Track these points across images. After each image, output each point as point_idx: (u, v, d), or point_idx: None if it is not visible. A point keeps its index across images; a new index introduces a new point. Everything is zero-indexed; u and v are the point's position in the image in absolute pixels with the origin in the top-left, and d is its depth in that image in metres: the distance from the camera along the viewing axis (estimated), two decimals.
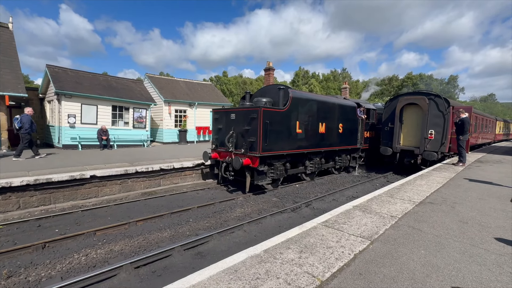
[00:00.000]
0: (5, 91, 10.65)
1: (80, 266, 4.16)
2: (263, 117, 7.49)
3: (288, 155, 8.66)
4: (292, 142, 8.62)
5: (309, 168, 9.81)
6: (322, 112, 9.76)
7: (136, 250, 4.66)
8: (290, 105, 8.33)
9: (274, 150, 8.00)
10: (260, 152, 7.53)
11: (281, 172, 8.46)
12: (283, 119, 8.20)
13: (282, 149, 8.29)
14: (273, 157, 8.17)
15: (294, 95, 8.56)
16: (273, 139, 7.89)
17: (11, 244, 4.82)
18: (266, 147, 7.67)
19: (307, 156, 9.56)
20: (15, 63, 11.93)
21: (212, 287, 2.18)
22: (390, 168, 13.56)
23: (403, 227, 3.72)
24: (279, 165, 8.44)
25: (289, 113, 8.40)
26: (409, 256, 2.88)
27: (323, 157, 10.39)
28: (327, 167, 10.99)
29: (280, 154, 8.31)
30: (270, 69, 18.27)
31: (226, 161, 8.35)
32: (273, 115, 7.90)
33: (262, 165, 7.84)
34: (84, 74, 15.43)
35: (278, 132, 8.05)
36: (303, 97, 9.09)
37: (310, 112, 9.25)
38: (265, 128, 7.54)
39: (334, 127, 10.47)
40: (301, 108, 8.84)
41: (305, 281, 2.32)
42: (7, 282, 3.70)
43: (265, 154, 7.69)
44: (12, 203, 6.24)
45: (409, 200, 5.07)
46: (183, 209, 6.65)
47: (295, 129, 8.65)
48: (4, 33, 12.59)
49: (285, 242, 3.12)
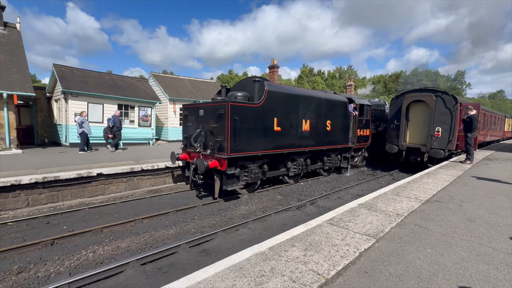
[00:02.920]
0: (13, 91, 10.81)
1: (88, 262, 4.22)
2: (231, 113, 6.55)
3: (264, 156, 7.74)
4: (269, 142, 7.68)
5: (292, 170, 8.89)
6: (305, 107, 8.76)
7: (142, 247, 4.72)
8: (265, 100, 7.35)
9: (246, 151, 7.06)
10: (228, 153, 6.61)
11: (256, 175, 7.50)
12: (257, 115, 7.24)
13: (257, 150, 7.35)
14: (246, 158, 7.26)
15: (271, 88, 7.56)
16: (245, 138, 6.96)
17: (21, 241, 4.92)
18: (236, 148, 6.75)
19: (289, 156, 8.64)
20: (22, 62, 12.10)
21: (217, 284, 2.20)
22: (396, 166, 13.43)
23: (409, 225, 3.69)
24: (254, 167, 7.51)
25: (264, 108, 7.41)
26: (415, 255, 2.86)
27: (308, 157, 9.42)
28: (314, 168, 10.07)
29: (255, 155, 7.36)
30: (275, 67, 18.22)
31: (194, 162, 7.43)
32: (245, 111, 6.94)
33: (232, 167, 6.96)
34: (90, 73, 15.59)
35: (251, 130, 7.11)
36: (281, 91, 8.06)
37: (291, 107, 8.30)
38: (234, 125, 6.62)
39: (321, 125, 9.48)
40: (279, 103, 7.86)
41: (310, 278, 2.32)
42: (17, 277, 3.78)
43: (235, 155, 6.78)
44: (21, 201, 6.35)
45: (416, 198, 5.03)
46: (188, 206, 6.69)
47: (272, 126, 7.69)
48: (12, 33, 12.76)
49: (290, 240, 3.12)
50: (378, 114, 13.90)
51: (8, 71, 11.35)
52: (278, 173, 8.68)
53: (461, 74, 60.96)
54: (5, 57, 11.71)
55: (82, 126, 11.22)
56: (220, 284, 2.19)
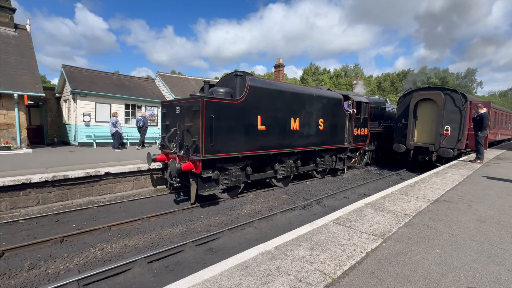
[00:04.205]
0: (24, 91, 11.05)
1: (96, 260, 4.29)
2: (206, 110, 6.01)
3: (247, 157, 7.17)
4: (252, 142, 7.05)
5: (281, 172, 8.29)
6: (294, 105, 8.12)
7: (149, 245, 4.77)
8: (247, 96, 6.74)
9: (224, 152, 6.50)
10: (203, 154, 6.06)
11: (237, 178, 6.92)
12: (238, 113, 6.66)
13: (238, 150, 6.77)
14: (225, 160, 6.73)
15: (253, 83, 6.94)
16: (223, 138, 6.41)
17: (32, 238, 5.03)
18: (213, 148, 6.22)
19: (276, 158, 8.07)
20: (32, 63, 12.34)
21: (223, 282, 2.21)
22: (404, 165, 13.27)
23: (417, 225, 3.64)
24: (235, 169, 6.96)
25: (246, 105, 6.80)
26: (424, 255, 2.82)
27: (298, 159, 8.78)
28: (306, 170, 9.46)
29: (235, 157, 6.80)
30: (280, 66, 18.17)
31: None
32: (223, 108, 6.38)
33: (208, 170, 6.41)
34: (98, 73, 15.81)
35: (230, 129, 6.56)
36: (266, 86, 7.36)
37: (278, 104, 7.64)
38: (209, 124, 6.08)
39: (312, 123, 8.81)
40: (263, 100, 7.23)
41: (316, 278, 2.31)
42: (28, 274, 3.87)
43: (211, 156, 6.23)
44: (32, 199, 6.49)
45: (424, 198, 4.95)
46: (194, 205, 6.74)
47: (255, 125, 7.08)
48: (22, 34, 13.03)
49: (296, 239, 3.11)
50: (377, 112, 13.22)
51: (18, 72, 11.60)
52: (264, 176, 8.07)
53: (472, 72, 59.73)
54: (16, 58, 11.97)
55: (116, 126, 11.81)
56: (226, 283, 2.20)
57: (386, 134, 13.61)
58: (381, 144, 13.54)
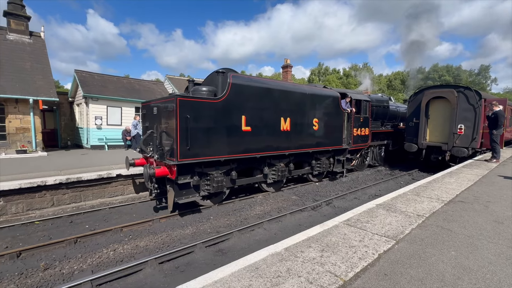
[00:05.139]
0: (38, 96, 11.41)
1: (109, 260, 4.37)
2: (181, 110, 5.53)
3: (231, 161, 6.65)
4: (235, 144, 6.54)
5: (271, 177, 7.75)
6: (285, 104, 7.53)
7: (160, 246, 4.82)
8: (229, 94, 6.27)
9: (203, 155, 5.99)
10: (178, 158, 5.56)
11: (220, 184, 6.34)
12: (218, 113, 6.17)
13: (219, 154, 6.26)
14: (206, 164, 6.22)
15: (236, 81, 6.43)
16: (201, 141, 5.91)
17: (47, 239, 5.17)
18: (189, 152, 5.71)
19: (265, 161, 7.50)
20: (47, 69, 12.73)
21: (234, 284, 2.20)
22: (416, 165, 12.99)
23: (431, 226, 3.55)
24: (218, 174, 6.45)
25: (228, 104, 6.30)
26: (438, 257, 2.74)
27: (291, 161, 8.16)
28: (301, 173, 8.90)
29: (216, 160, 6.29)
30: (288, 66, 18.14)
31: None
32: (201, 108, 5.87)
33: (186, 175, 5.90)
34: (109, 77, 16.17)
35: (210, 130, 6.07)
36: (251, 84, 6.82)
37: (265, 103, 7.08)
38: (184, 125, 5.58)
39: (306, 124, 8.20)
40: (248, 99, 6.70)
41: (328, 280, 2.28)
42: (44, 273, 3.97)
43: (187, 161, 5.73)
44: (47, 201, 6.68)
45: (437, 199, 4.83)
46: (204, 207, 6.77)
47: (239, 126, 6.56)
48: (37, 41, 13.47)
49: (306, 240, 3.08)
50: (380, 110, 12.39)
51: (33, 78, 11.99)
52: (252, 181, 7.54)
53: (485, 69, 58.01)
54: (31, 64, 12.38)
55: (137, 127, 12.05)
56: (236, 284, 2.20)
57: (395, 133, 13.32)
58: (390, 144, 13.22)
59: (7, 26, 12.73)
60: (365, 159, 12.15)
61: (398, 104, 15.53)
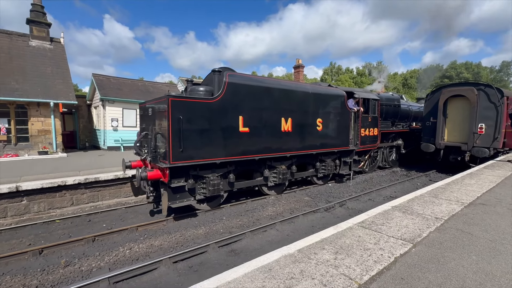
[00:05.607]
0: (58, 99, 11.89)
1: (125, 258, 4.48)
2: (173, 111, 5.34)
3: (228, 163, 6.43)
4: (232, 146, 6.29)
5: (272, 179, 7.44)
6: (286, 103, 7.22)
7: (174, 246, 4.90)
8: (225, 94, 6.04)
9: (198, 158, 5.76)
10: (170, 161, 5.36)
11: (216, 187, 6.14)
12: (214, 113, 5.93)
13: (214, 156, 6.02)
14: (201, 166, 6.00)
15: (233, 80, 6.19)
16: (195, 142, 5.69)
17: (67, 237, 5.37)
18: (183, 154, 5.51)
19: (265, 163, 7.20)
20: (66, 73, 13.24)
21: (247, 284, 2.21)
22: (433, 166, 12.57)
23: (450, 230, 3.43)
24: (214, 177, 6.22)
25: (224, 105, 6.07)
26: (458, 262, 2.64)
27: (293, 164, 7.85)
28: (304, 176, 8.50)
29: (212, 163, 6.07)
30: (300, 67, 18.03)
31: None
32: (195, 109, 5.67)
33: (180, 179, 5.72)
34: (124, 80, 16.62)
35: (205, 131, 5.83)
36: (249, 83, 6.54)
37: (265, 103, 6.78)
38: (177, 126, 5.39)
39: (308, 124, 7.85)
40: (246, 98, 6.43)
41: (342, 283, 2.24)
42: (64, 270, 4.12)
43: (180, 163, 5.52)
44: (66, 200, 6.93)
45: (457, 201, 4.65)
46: (218, 207, 6.83)
47: (236, 127, 6.31)
48: (57, 47, 14.02)
49: (320, 242, 3.05)
50: (390, 109, 11.88)
51: (54, 82, 12.50)
52: (252, 184, 7.25)
53: (508, 65, 55.41)
54: (52, 69, 12.90)
55: None
56: (249, 285, 2.20)
57: (408, 133, 12.90)
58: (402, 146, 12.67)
59: (29, 33, 13.33)
60: (374, 160, 11.73)
61: (410, 102, 14.96)
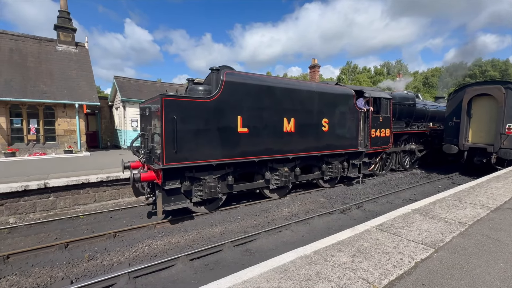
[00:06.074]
0: (83, 101, 12.45)
1: (144, 254, 4.61)
2: (167, 111, 5.19)
3: (227, 165, 6.23)
4: (230, 147, 6.05)
5: (274, 182, 7.13)
6: (288, 102, 6.89)
7: (191, 244, 4.99)
8: (222, 93, 5.83)
9: (193, 159, 5.57)
10: (163, 162, 5.23)
11: (213, 189, 5.95)
12: (210, 113, 5.73)
13: (211, 157, 5.81)
14: (198, 168, 5.80)
15: (230, 78, 5.95)
16: (190, 143, 5.51)
17: (90, 232, 5.60)
18: (177, 155, 5.35)
19: (267, 165, 6.93)
20: (90, 76, 13.83)
21: (263, 284, 2.21)
22: (456, 168, 12.02)
23: (475, 235, 3.26)
24: (211, 179, 6.02)
25: (221, 104, 5.84)
26: (484, 269, 2.50)
27: (297, 165, 7.49)
28: (309, 178, 8.10)
29: (209, 164, 5.88)
30: (315, 66, 17.81)
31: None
32: (190, 108, 5.48)
33: (174, 181, 5.56)
34: (143, 82, 17.13)
35: (201, 132, 5.64)
36: (248, 82, 6.25)
37: (265, 102, 6.51)
38: (171, 127, 5.25)
39: (313, 124, 7.47)
40: (245, 97, 6.18)
41: (360, 286, 2.19)
42: (88, 264, 4.31)
43: (174, 165, 5.36)
44: (90, 197, 7.24)
45: (482, 205, 4.42)
46: (232, 206, 6.88)
47: (235, 127, 6.08)
48: (82, 51, 14.68)
49: (336, 244, 2.99)
50: (404, 109, 11.28)
51: (79, 84, 13.09)
52: (252, 186, 6.99)
53: None
54: (77, 72, 13.52)
55: None
56: (265, 285, 2.19)
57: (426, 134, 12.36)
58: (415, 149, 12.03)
59: (56, 38, 14.04)
60: (387, 162, 11.11)
61: (427, 101, 14.15)
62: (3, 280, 3.85)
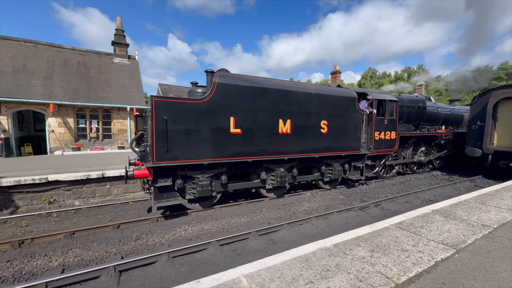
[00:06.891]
0: (133, 105, 13.30)
1: (181, 238, 4.79)
2: (157, 111, 5.04)
3: (221, 164, 5.93)
4: (222, 147, 5.72)
5: (270, 182, 6.72)
6: (284, 104, 6.41)
7: (220, 231, 5.08)
8: (214, 95, 5.52)
9: (183, 158, 5.34)
10: (154, 161, 5.08)
11: (205, 188, 5.69)
12: (202, 114, 5.44)
13: (203, 157, 5.54)
14: (190, 167, 5.59)
15: (222, 80, 5.63)
16: (181, 143, 5.28)
17: (137, 216, 5.95)
18: (168, 154, 5.17)
19: (262, 165, 6.54)
20: (139, 84, 14.72)
21: (285, 271, 2.19)
22: (479, 171, 10.93)
23: (500, 238, 2.93)
24: (203, 178, 5.74)
25: (213, 105, 5.53)
26: (510, 273, 2.25)
27: (294, 166, 6.99)
28: (308, 179, 7.50)
29: (201, 164, 5.62)
30: (337, 72, 17.26)
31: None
32: (181, 109, 5.25)
33: (166, 178, 5.39)
34: (182, 88, 17.84)
35: (192, 132, 5.37)
36: (240, 84, 5.87)
37: (259, 104, 6.08)
38: (161, 127, 5.07)
39: (311, 126, 6.90)
40: (238, 99, 5.82)
41: (378, 281, 2.08)
42: (135, 243, 4.58)
43: (164, 163, 5.18)
44: (137, 186, 7.69)
45: (508, 209, 3.97)
46: (257, 200, 6.89)
47: (227, 128, 5.75)
48: (133, 63, 15.66)
49: (355, 239, 2.87)
50: (413, 112, 10.12)
51: (130, 91, 14.00)
52: (247, 185, 6.56)
53: None
54: (129, 81, 14.46)
55: None
56: (288, 272, 2.17)
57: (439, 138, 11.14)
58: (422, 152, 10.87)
59: (113, 52, 15.14)
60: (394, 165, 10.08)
61: (439, 104, 12.59)
62: (69, 252, 4.23)
